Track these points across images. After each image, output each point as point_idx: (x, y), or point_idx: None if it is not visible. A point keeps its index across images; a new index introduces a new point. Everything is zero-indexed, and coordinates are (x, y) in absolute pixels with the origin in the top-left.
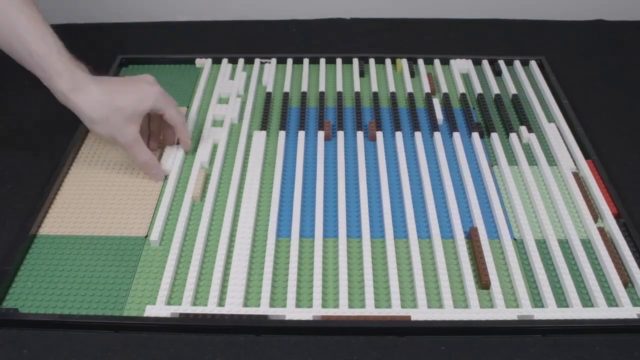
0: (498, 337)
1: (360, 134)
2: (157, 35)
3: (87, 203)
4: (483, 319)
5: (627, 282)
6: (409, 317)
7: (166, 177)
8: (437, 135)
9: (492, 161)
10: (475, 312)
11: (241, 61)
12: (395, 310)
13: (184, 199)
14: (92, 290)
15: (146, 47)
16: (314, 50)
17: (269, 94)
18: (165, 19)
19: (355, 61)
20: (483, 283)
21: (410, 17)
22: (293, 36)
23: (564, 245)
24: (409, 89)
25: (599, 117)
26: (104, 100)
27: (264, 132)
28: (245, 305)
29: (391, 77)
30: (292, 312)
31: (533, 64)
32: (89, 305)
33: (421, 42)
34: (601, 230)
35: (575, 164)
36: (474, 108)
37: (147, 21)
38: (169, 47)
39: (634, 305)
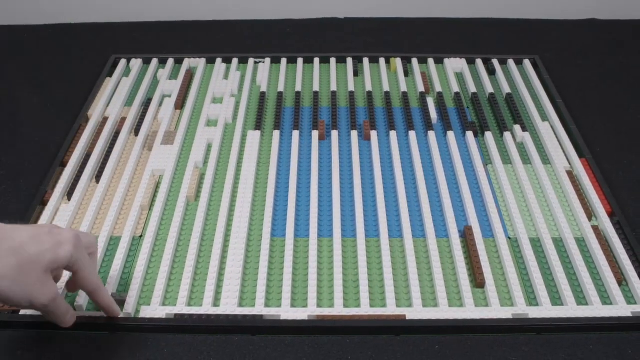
0: (493, 335)
1: (354, 134)
2: (151, 34)
3: (80, 203)
4: (478, 317)
5: (621, 280)
6: (404, 316)
7: (161, 177)
8: (432, 134)
9: (487, 160)
10: (470, 311)
11: (235, 61)
12: (390, 309)
13: (178, 199)
14: None
15: (140, 47)
16: (308, 50)
17: (263, 94)
18: (160, 19)
19: (350, 61)
20: (478, 282)
21: (404, 17)
22: (288, 36)
23: (559, 243)
24: (403, 88)
25: (592, 115)
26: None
27: (258, 132)
28: (240, 305)
29: (385, 77)
30: (287, 312)
31: (527, 62)
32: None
33: (415, 41)
34: (595, 229)
35: (569, 163)
36: (467, 107)
37: (141, 21)
38: (163, 47)
39: (628, 303)
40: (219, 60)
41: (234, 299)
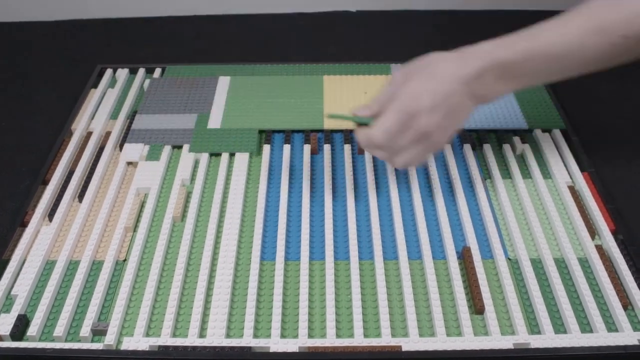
0: None
1: (347, 147)
2: (147, 32)
3: (62, 224)
4: (477, 348)
5: (627, 304)
6: (400, 347)
7: (146, 195)
8: None
9: (485, 174)
10: (469, 341)
11: None
12: (386, 339)
13: (164, 220)
14: (66, 320)
15: (136, 46)
16: (319, 44)
17: None
18: (159, 14)
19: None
20: (477, 308)
21: (417, 9)
22: (299, 29)
23: (561, 264)
24: None
25: (595, 125)
26: None
27: None
28: (227, 335)
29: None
30: (276, 344)
31: None
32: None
33: (427, 34)
34: (599, 248)
35: (571, 177)
36: None
37: (138, 16)
38: (159, 47)
39: (634, 329)
40: None
41: (221, 329)
